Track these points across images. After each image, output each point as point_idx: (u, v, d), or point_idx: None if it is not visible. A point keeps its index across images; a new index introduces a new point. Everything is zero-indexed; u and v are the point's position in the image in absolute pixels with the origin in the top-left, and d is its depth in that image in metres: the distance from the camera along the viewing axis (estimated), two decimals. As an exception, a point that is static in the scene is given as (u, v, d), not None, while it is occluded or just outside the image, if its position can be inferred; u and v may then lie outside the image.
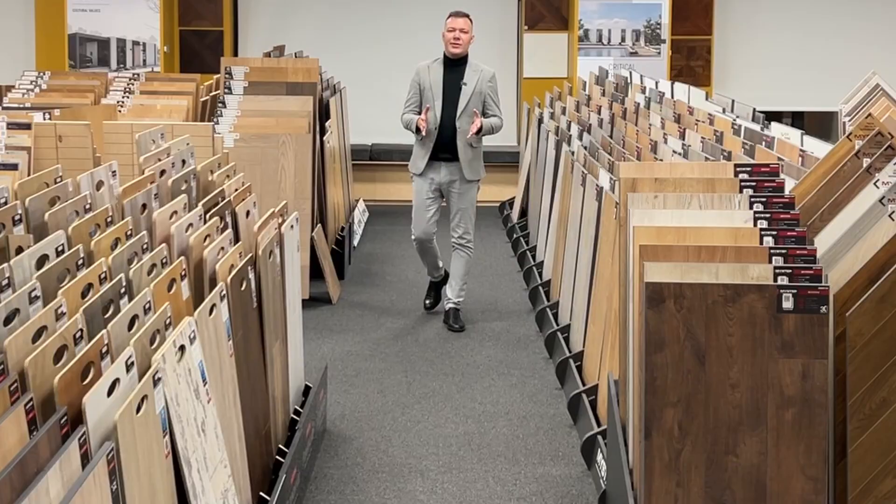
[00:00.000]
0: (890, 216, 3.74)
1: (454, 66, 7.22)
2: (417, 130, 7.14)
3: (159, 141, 5.36)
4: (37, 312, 2.91)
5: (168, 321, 3.22)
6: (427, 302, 7.76)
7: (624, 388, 4.20)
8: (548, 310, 7.12)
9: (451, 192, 7.30)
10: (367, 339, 7.08)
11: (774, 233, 3.72)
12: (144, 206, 4.21)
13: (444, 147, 7.21)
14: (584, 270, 6.02)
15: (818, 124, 12.57)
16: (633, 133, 6.77)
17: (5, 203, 3.85)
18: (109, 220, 3.93)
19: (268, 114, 7.82)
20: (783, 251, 3.62)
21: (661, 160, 5.62)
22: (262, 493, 4.09)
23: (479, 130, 7.08)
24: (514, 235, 9.80)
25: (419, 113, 7.21)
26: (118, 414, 2.66)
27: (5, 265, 3.11)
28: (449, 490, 4.87)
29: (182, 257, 3.70)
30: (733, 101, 6.81)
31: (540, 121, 9.60)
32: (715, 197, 3.92)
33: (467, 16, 7.26)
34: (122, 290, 3.29)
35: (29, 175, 5.07)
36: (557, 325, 6.76)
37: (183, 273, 3.59)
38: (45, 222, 3.77)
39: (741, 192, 3.96)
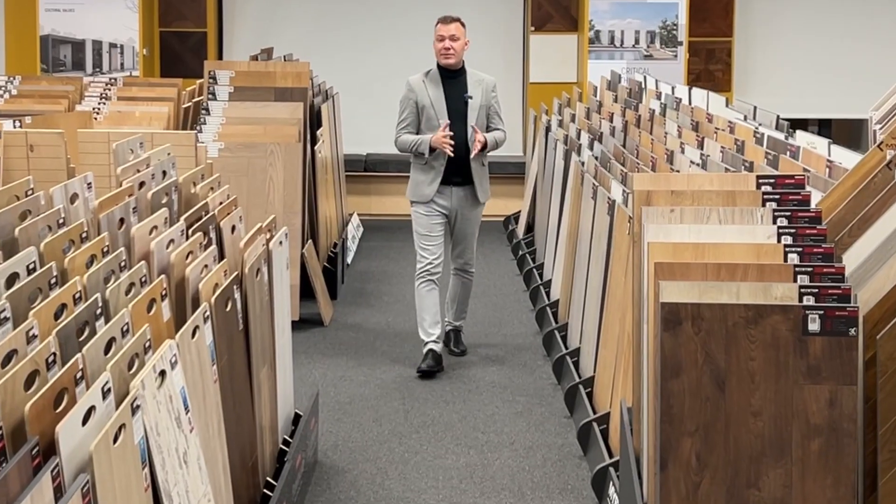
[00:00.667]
0: (924, 231, 3.75)
1: (452, 77, 6.92)
2: (432, 151, 6.77)
3: (138, 150, 5.38)
4: (6, 335, 2.91)
5: (147, 344, 3.22)
6: (424, 364, 6.87)
7: (638, 417, 4.21)
8: (556, 332, 7.12)
9: (462, 217, 6.98)
10: (362, 364, 7.09)
11: (800, 249, 3.73)
12: (122, 220, 4.22)
13: (457, 170, 6.86)
14: (595, 290, 6.03)
15: (847, 132, 12.59)
16: (647, 142, 6.78)
17: (-27, 217, 3.85)
18: (84, 235, 3.93)
19: (255, 121, 7.83)
20: (809, 269, 3.62)
21: (678, 171, 5.64)
22: (248, 530, 4.09)
23: (484, 147, 6.81)
24: (520, 252, 9.81)
25: (416, 134, 6.86)
26: (94, 444, 2.66)
27: (-27, 284, 3.11)
28: (449, 526, 4.88)
29: (162, 276, 3.70)
30: (755, 107, 6.82)
31: (547, 129, 9.62)
32: (736, 211, 3.93)
33: (458, 20, 6.93)
34: (99, 310, 3.30)
35: (-2, 187, 5.08)
36: (566, 348, 6.77)
37: (163, 293, 3.60)
38: (15, 238, 3.77)
39: (764, 205, 3.97)
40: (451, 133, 6.77)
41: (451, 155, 6.73)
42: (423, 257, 6.93)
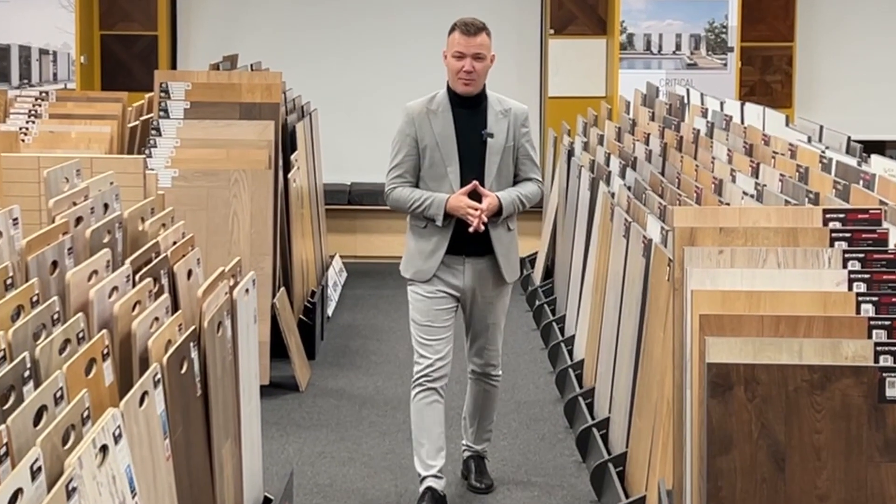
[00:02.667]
0: None
1: (467, 105, 6.01)
2: (447, 217, 5.90)
3: (74, 179, 5.40)
4: (-84, 402, 2.92)
5: (86, 414, 3.23)
6: None
7: (680, 501, 4.21)
8: (580, 399, 7.12)
9: (481, 302, 6.11)
10: (345, 438, 7.08)
11: (875, 299, 3.74)
12: (55, 263, 4.24)
13: (471, 237, 5.90)
14: (628, 348, 6.03)
15: (932, 157, 12.60)
16: (690, 169, 6.80)
17: None
18: (10, 282, 3.95)
19: (216, 144, 7.85)
20: (887, 323, 3.63)
21: (728, 204, 5.66)
22: None
23: (499, 213, 5.96)
24: (537, 302, 9.81)
25: (417, 184, 6.01)
26: (21, 534, 2.67)
27: None
28: None
29: (104, 331, 3.71)
30: (822, 127, 6.85)
31: (570, 153, 9.65)
32: (798, 252, 3.95)
33: (485, 28, 5.97)
34: (27, 373, 3.30)
35: None
36: (593, 418, 6.77)
37: (105, 351, 3.61)
38: (-74, 285, 3.79)
39: (832, 245, 3.99)
40: (482, 199, 5.92)
41: (480, 230, 5.87)
42: (423, 357, 6.04)
